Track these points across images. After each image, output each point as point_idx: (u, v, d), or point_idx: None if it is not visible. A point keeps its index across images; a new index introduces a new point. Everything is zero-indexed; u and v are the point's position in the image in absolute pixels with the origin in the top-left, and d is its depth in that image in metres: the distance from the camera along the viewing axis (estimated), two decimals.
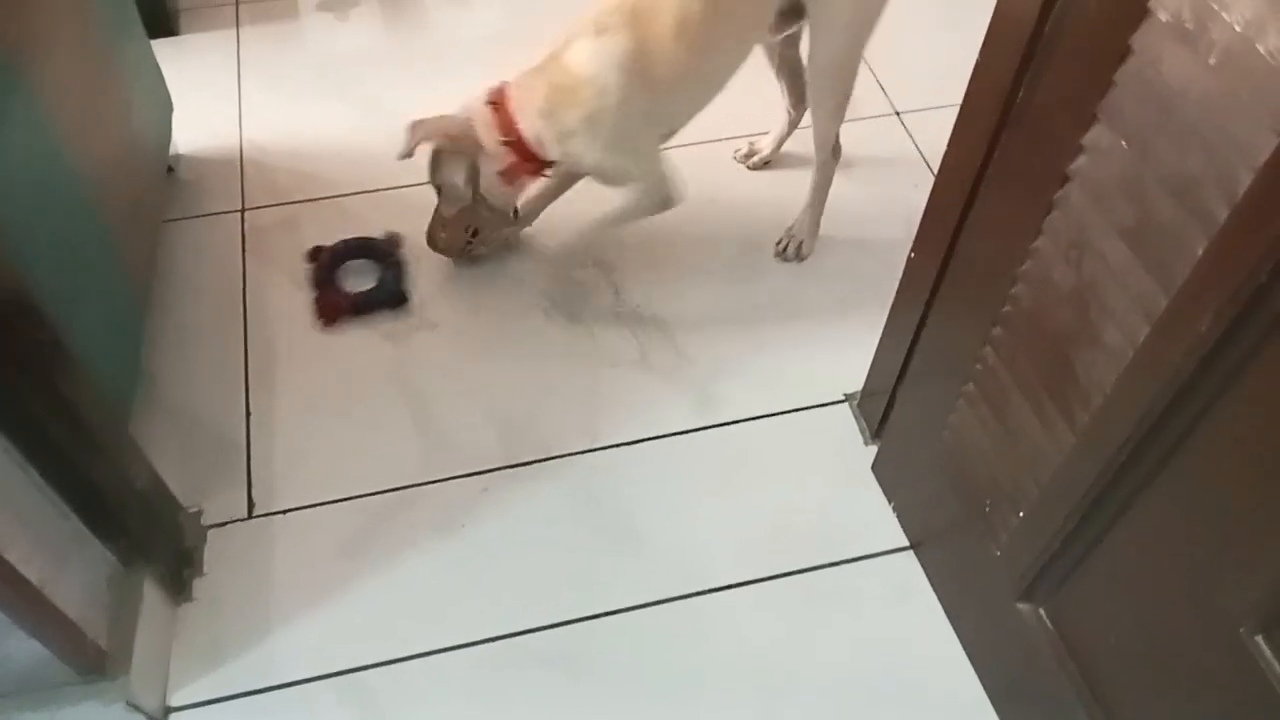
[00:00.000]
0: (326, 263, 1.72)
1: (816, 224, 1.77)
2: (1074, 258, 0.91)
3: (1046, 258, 0.95)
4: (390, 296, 1.69)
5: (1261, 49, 0.68)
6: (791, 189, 1.87)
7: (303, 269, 1.73)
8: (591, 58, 1.44)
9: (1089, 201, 0.87)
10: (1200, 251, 0.75)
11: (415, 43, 2.19)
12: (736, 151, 1.93)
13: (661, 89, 1.47)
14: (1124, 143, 0.82)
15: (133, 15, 1.67)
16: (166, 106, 1.81)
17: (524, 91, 1.50)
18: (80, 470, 1.16)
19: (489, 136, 1.53)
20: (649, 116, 1.52)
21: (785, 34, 1.59)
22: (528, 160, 1.55)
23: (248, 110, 2.00)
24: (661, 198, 1.59)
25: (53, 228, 1.24)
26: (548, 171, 1.59)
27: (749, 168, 1.92)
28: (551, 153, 1.53)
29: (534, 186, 1.67)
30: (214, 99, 2.01)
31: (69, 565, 1.18)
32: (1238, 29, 0.69)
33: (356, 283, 1.72)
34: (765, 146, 1.91)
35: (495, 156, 1.54)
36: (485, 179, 1.57)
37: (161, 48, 1.81)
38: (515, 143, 1.52)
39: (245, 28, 2.17)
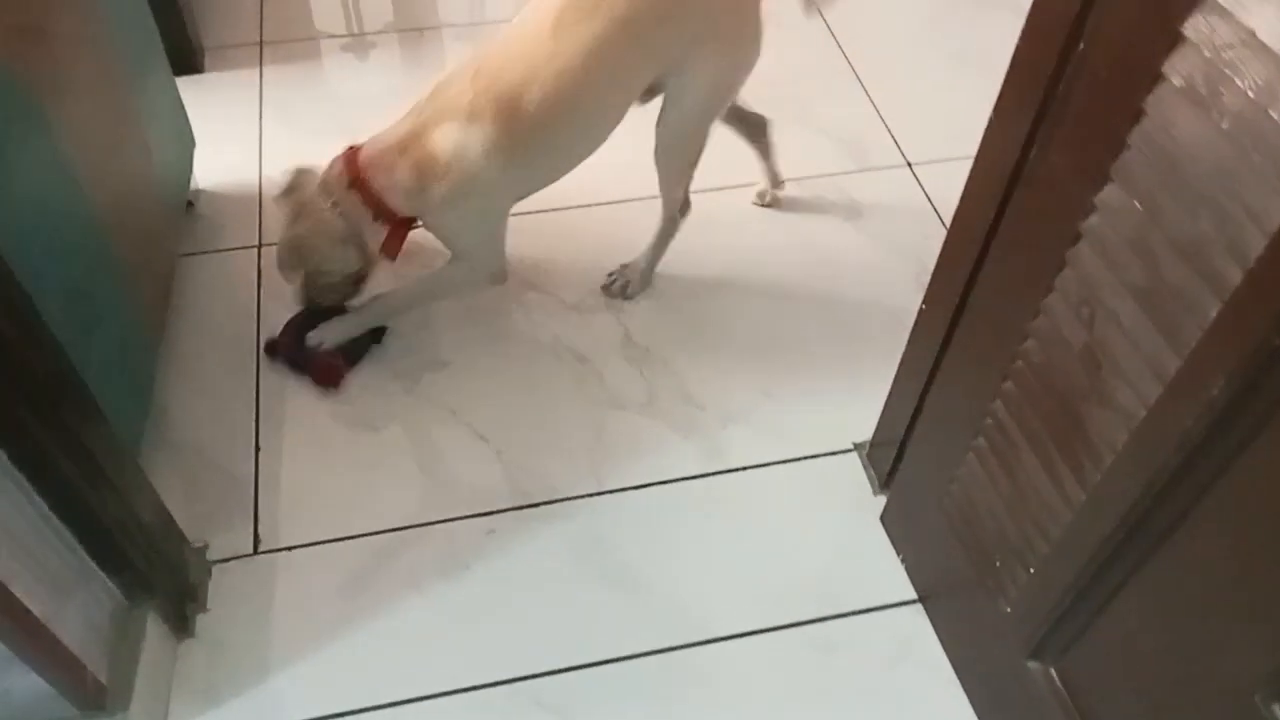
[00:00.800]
0: (291, 344, 1.67)
1: (651, 269, 1.78)
2: (1085, 315, 0.91)
3: (1058, 314, 0.95)
4: (370, 333, 1.69)
5: (1274, 115, 0.68)
6: (801, 236, 1.88)
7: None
8: (461, 145, 1.45)
9: (1101, 260, 0.87)
10: (1213, 314, 0.75)
11: (428, 81, 2.21)
12: (756, 197, 1.94)
13: (527, 166, 1.51)
14: (1136, 203, 0.82)
15: (158, 52, 1.71)
16: (188, 143, 1.83)
17: (385, 169, 1.50)
18: (88, 504, 1.16)
19: (361, 214, 1.53)
20: (511, 192, 1.57)
21: (650, 102, 1.59)
22: (400, 228, 1.56)
23: (268, 148, 2.02)
24: (493, 273, 1.65)
25: (68, 260, 1.25)
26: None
27: (765, 205, 1.94)
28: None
29: None
30: (235, 136, 2.04)
31: (73, 599, 1.18)
32: (1250, 95, 0.70)
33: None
34: (763, 182, 1.92)
35: (376, 232, 1.55)
36: (368, 254, 1.58)
37: (186, 85, 1.84)
38: (391, 219, 1.54)
39: (268, 67, 2.20)
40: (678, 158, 1.61)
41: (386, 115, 2.09)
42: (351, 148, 1.54)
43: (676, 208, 1.70)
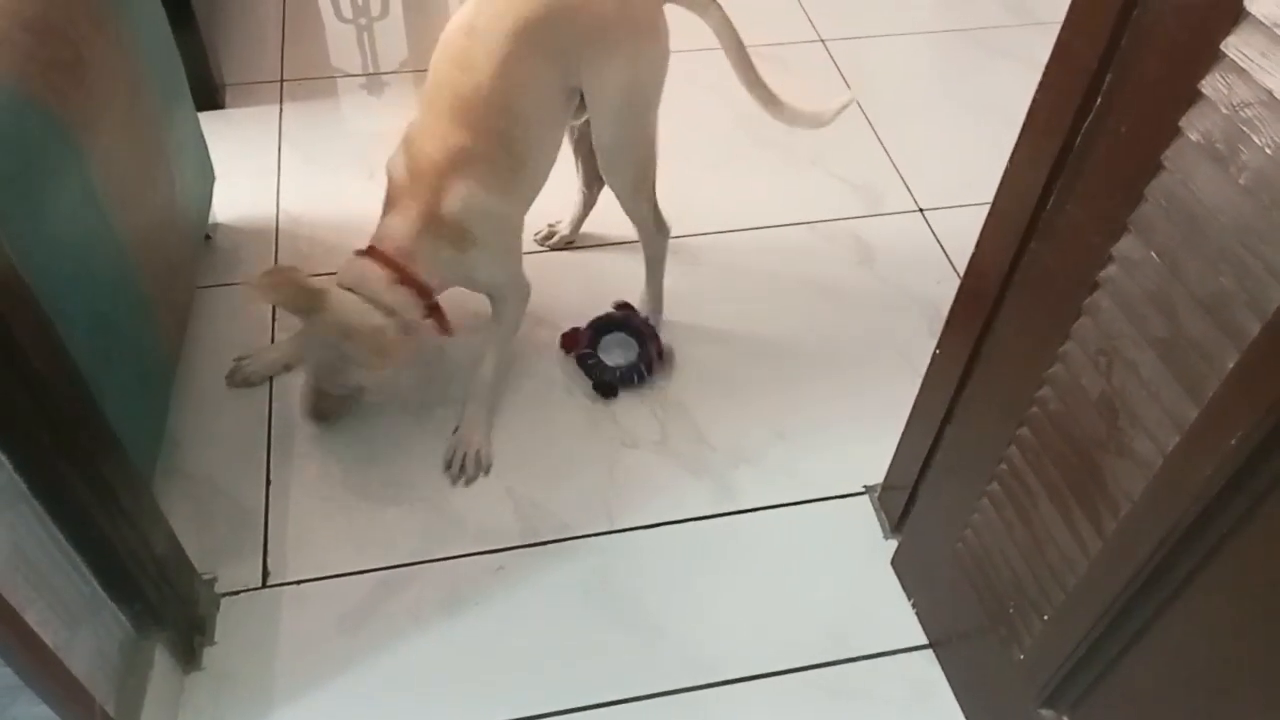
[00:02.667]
0: (588, 341, 1.73)
1: (658, 297, 1.80)
2: (1103, 365, 0.91)
3: (1075, 363, 0.96)
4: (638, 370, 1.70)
5: None
6: (813, 279, 1.89)
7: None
8: (471, 199, 1.46)
9: (1119, 310, 0.88)
10: (1231, 366, 0.76)
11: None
12: (536, 234, 1.94)
13: (519, 178, 1.53)
14: (1155, 255, 0.83)
15: (183, 88, 1.73)
16: (209, 177, 1.86)
17: (426, 256, 1.49)
18: (103, 533, 1.16)
19: (413, 306, 1.50)
20: (522, 207, 1.59)
21: (584, 118, 1.62)
22: (438, 306, 1.57)
23: (285, 183, 2.05)
24: (528, 288, 1.68)
25: (94, 291, 1.27)
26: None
27: (549, 248, 1.94)
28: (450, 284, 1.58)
29: None
30: (254, 171, 2.07)
31: (83, 628, 1.17)
32: (1268, 152, 0.71)
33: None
34: (564, 227, 1.93)
35: (420, 323, 1.53)
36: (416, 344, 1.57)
37: (208, 120, 1.87)
38: (432, 304, 1.54)
39: (288, 104, 2.24)
40: (622, 170, 1.62)
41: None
42: (371, 249, 1.50)
43: (649, 228, 1.70)
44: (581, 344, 1.72)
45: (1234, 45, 0.72)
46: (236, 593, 1.43)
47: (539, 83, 1.48)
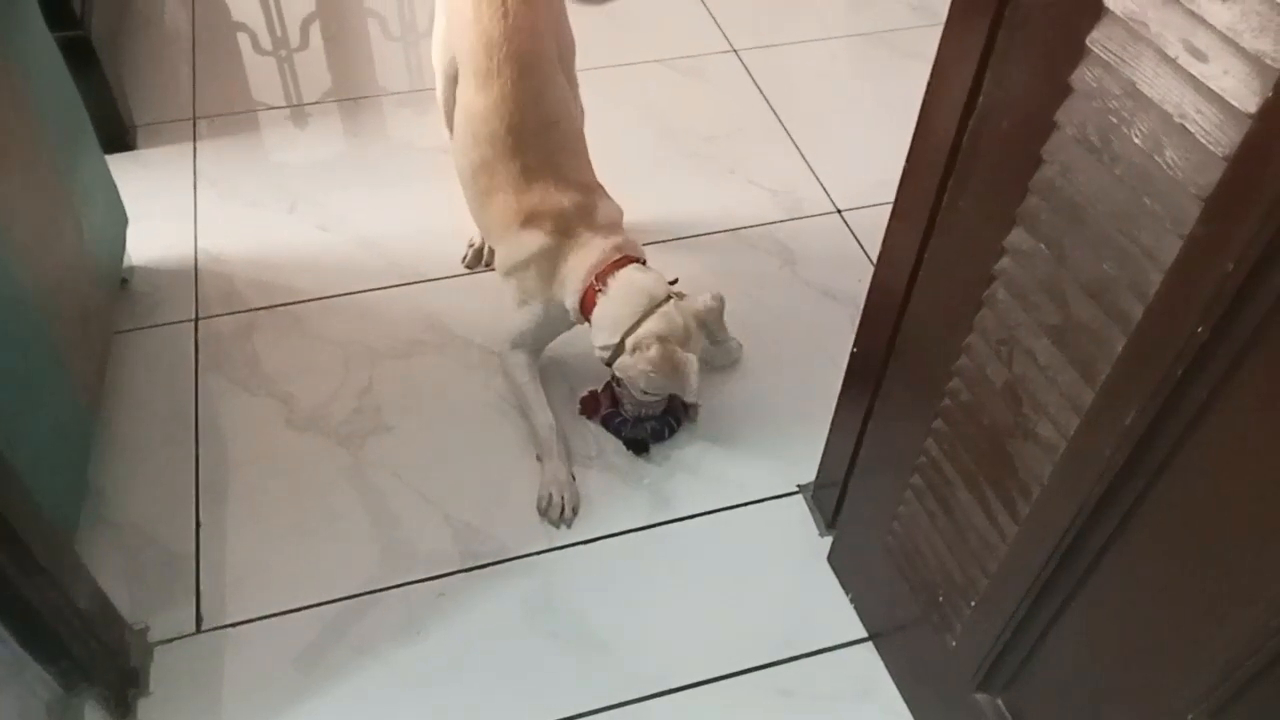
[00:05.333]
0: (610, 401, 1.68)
1: None
2: (1004, 354, 0.94)
3: (979, 354, 0.98)
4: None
5: (1161, 161, 0.72)
6: (737, 285, 1.92)
7: (256, 376, 1.73)
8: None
9: (1014, 301, 0.91)
10: (1120, 349, 0.79)
11: (374, 152, 2.23)
12: (462, 258, 1.94)
13: None
14: (1043, 246, 0.86)
15: (87, 133, 1.70)
16: (121, 220, 1.82)
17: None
18: (20, 592, 1.14)
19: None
20: None
21: None
22: None
23: (203, 221, 2.02)
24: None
25: (0, 344, 1.24)
26: None
27: (471, 270, 1.94)
28: None
29: None
30: (169, 211, 2.03)
31: (5, 692, 1.15)
32: (1137, 141, 0.74)
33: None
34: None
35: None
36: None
37: (119, 162, 1.85)
38: None
39: (202, 141, 2.20)
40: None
41: (329, 184, 2.12)
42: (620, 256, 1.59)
43: None
44: (604, 406, 1.68)
45: (1097, 40, 0.75)
46: (170, 640, 1.40)
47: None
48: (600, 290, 1.54)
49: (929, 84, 0.99)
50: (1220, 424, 0.74)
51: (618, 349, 1.54)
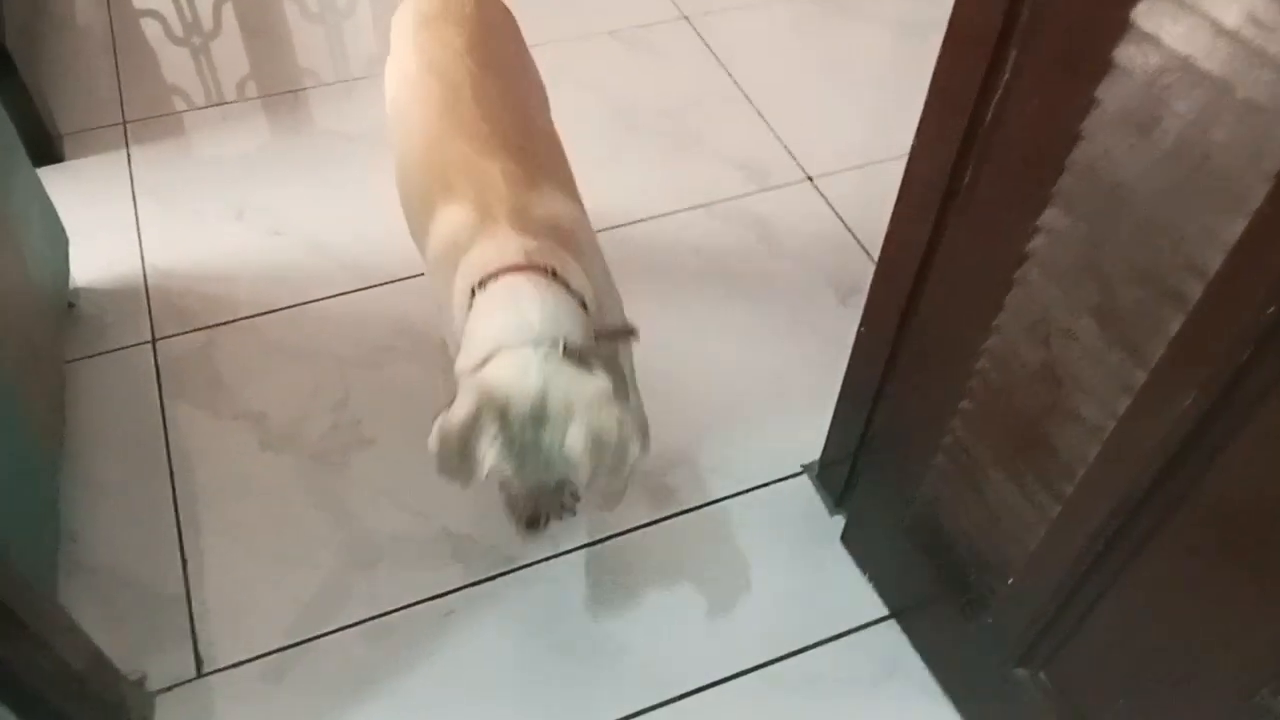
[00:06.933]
0: None
1: None
2: (1040, 334, 0.92)
3: (1010, 334, 0.96)
4: None
5: (1219, 138, 0.70)
6: (714, 262, 1.88)
7: (223, 396, 1.65)
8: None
9: (1050, 281, 0.89)
10: (1175, 329, 0.77)
11: (303, 144, 2.13)
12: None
13: None
14: (1081, 225, 0.83)
15: (16, 147, 1.58)
16: (61, 239, 1.71)
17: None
18: (9, 663, 1.06)
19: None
20: None
21: None
22: None
23: (147, 234, 1.91)
24: None
25: None
26: None
27: None
28: None
29: None
30: (110, 226, 1.91)
31: None
32: (1189, 117, 0.71)
33: None
34: None
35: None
36: None
37: (48, 176, 1.73)
38: None
39: (135, 147, 2.08)
40: None
41: (272, 185, 2.01)
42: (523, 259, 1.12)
43: None
44: None
45: (1143, 14, 0.72)
46: (170, 688, 1.33)
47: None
48: (476, 294, 1.08)
49: (940, 55, 0.95)
50: None
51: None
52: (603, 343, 1.11)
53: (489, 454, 1.01)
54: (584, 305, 1.09)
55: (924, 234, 1.06)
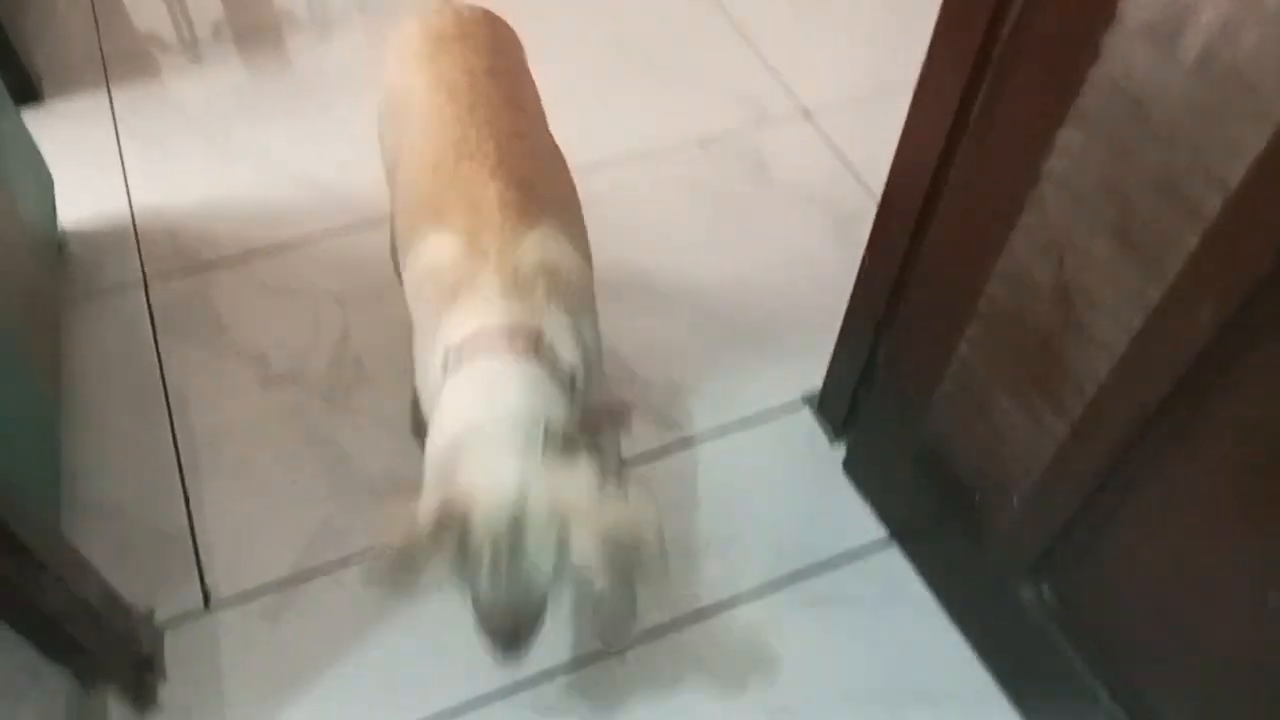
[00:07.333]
0: None
1: None
2: (1054, 255, 0.92)
3: (1024, 257, 0.97)
4: None
5: (1241, 48, 0.70)
6: (713, 198, 1.87)
7: (221, 336, 1.64)
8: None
9: (1067, 201, 0.89)
10: (1194, 244, 0.77)
11: (281, 82, 2.10)
12: None
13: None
14: (1099, 143, 0.84)
15: None
16: (47, 181, 1.68)
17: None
18: (24, 593, 1.07)
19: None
20: None
21: None
22: None
23: (133, 174, 1.87)
24: None
25: None
26: None
27: None
28: None
29: None
30: (95, 166, 1.88)
31: (26, 700, 1.09)
32: (1213, 29, 0.71)
33: None
34: None
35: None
36: None
37: (28, 117, 1.68)
38: None
39: (116, 87, 2.03)
40: None
41: (258, 122, 1.98)
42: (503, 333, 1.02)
43: None
44: None
45: None
46: (180, 621, 1.35)
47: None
48: (451, 365, 0.97)
49: None
50: None
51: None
52: (589, 427, 1.01)
53: (451, 576, 0.89)
54: (572, 383, 0.99)
55: (933, 158, 1.06)
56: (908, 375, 1.25)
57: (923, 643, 1.34)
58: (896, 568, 1.41)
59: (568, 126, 1.34)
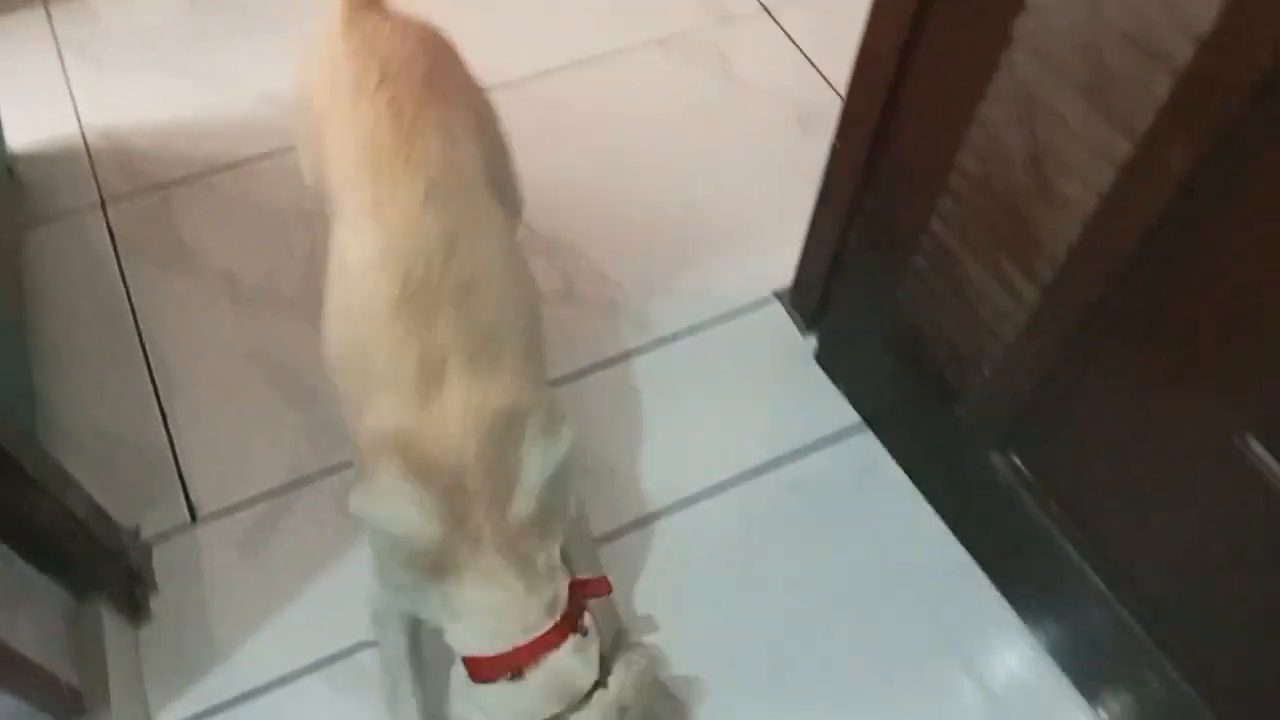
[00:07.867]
0: None
1: None
2: (1025, 119, 0.93)
3: (994, 123, 0.98)
4: None
5: None
6: (676, 98, 1.86)
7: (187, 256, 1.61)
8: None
9: (1037, 62, 0.90)
10: (1166, 95, 0.79)
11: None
12: None
13: None
14: None
15: None
16: None
17: None
18: (16, 508, 1.07)
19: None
20: None
21: None
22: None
23: (80, 93, 1.82)
24: None
25: None
26: None
27: None
28: None
29: None
30: (40, 89, 1.82)
31: (22, 611, 1.09)
32: None
33: None
34: None
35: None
36: None
37: None
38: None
39: (54, 2, 1.95)
40: None
41: (207, 37, 1.91)
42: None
43: None
44: None
45: None
46: (167, 535, 1.35)
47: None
48: (513, 677, 0.98)
49: None
50: None
51: None
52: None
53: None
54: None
55: (900, 33, 1.06)
56: (879, 258, 1.27)
57: (899, 523, 1.38)
58: (871, 452, 1.44)
59: (527, 31, 1.32)
